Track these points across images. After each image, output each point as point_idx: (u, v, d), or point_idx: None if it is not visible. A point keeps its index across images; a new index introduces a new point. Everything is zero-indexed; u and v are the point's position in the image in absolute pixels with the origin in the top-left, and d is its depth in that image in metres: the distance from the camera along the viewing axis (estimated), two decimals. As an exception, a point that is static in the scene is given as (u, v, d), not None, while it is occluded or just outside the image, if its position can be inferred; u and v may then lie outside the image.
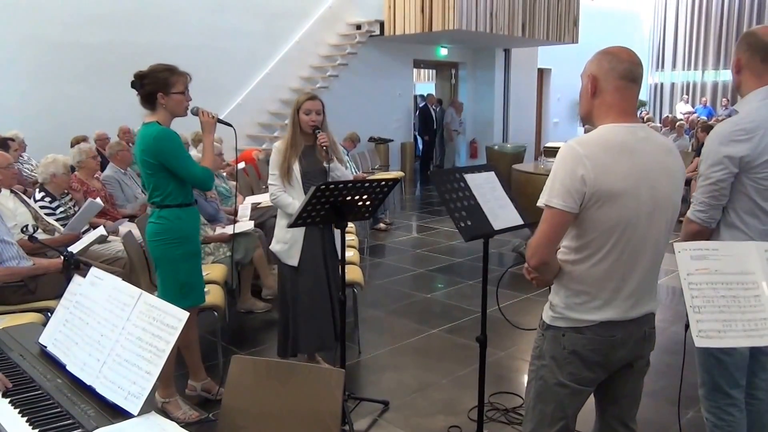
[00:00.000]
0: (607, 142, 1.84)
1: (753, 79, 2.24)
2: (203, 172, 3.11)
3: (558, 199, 1.81)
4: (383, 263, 6.79)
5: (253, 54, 10.67)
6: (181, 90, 3.08)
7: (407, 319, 4.96)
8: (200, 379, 3.56)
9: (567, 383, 1.95)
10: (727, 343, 1.62)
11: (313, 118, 3.45)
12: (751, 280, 1.66)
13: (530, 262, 1.90)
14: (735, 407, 2.34)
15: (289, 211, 3.44)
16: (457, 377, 3.85)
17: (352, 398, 3.45)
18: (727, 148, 2.15)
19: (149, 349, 1.64)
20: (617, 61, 1.89)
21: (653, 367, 3.85)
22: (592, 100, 1.95)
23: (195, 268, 3.25)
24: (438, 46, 13.70)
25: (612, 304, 1.89)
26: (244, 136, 10.53)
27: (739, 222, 2.23)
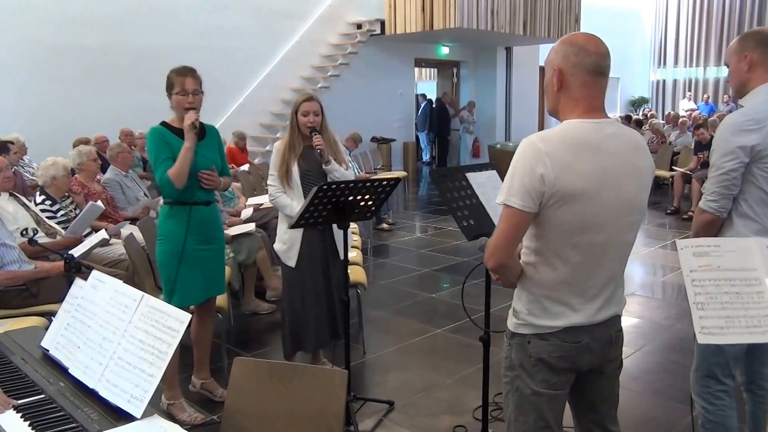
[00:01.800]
0: (570, 139, 1.74)
1: (763, 73, 2.29)
2: (160, 178, 3.05)
3: (516, 198, 1.71)
4: (387, 263, 6.78)
5: (254, 54, 10.68)
6: (178, 90, 3.09)
7: (412, 319, 4.95)
8: (202, 377, 3.56)
9: (541, 391, 1.86)
10: (730, 340, 1.62)
11: (310, 120, 3.43)
12: (754, 277, 1.66)
13: (488, 264, 1.82)
14: (726, 394, 2.38)
15: (288, 212, 3.44)
16: (462, 377, 3.84)
17: (357, 399, 3.43)
18: (738, 138, 2.19)
19: (151, 351, 1.63)
20: (585, 53, 1.77)
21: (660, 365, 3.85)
22: (558, 95, 1.83)
23: (180, 267, 3.14)
24: (439, 45, 13.69)
25: (576, 309, 1.81)
26: (247, 137, 10.53)
27: (750, 211, 2.26)
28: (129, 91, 9.06)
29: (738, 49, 2.34)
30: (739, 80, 2.35)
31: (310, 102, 3.46)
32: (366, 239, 7.37)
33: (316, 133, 3.43)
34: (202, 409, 3.40)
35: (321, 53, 11.79)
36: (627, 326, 4.69)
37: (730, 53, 2.38)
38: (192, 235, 3.17)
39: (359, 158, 9.45)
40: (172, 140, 3.12)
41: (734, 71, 2.37)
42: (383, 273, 6.34)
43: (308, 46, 11.51)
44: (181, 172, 3.03)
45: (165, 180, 3.04)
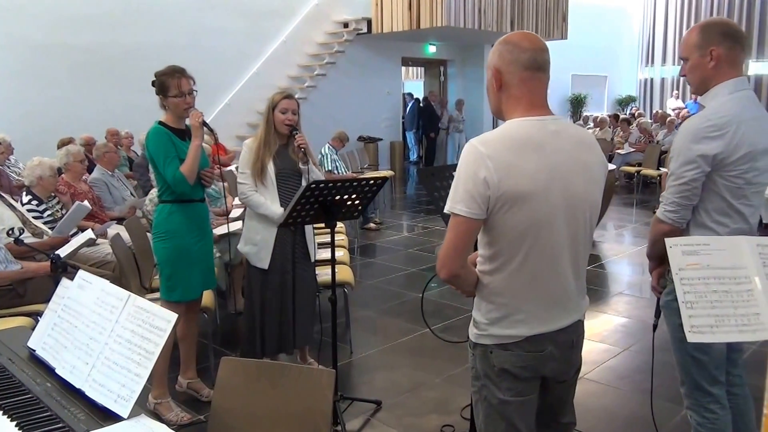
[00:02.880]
0: (512, 139, 1.70)
1: (729, 70, 2.15)
2: (173, 176, 3.11)
3: (461, 205, 1.67)
4: (374, 263, 6.78)
5: (241, 53, 10.65)
6: (175, 93, 3.14)
7: (399, 318, 4.96)
8: (188, 376, 3.57)
9: (508, 399, 1.81)
10: (720, 338, 1.59)
11: (289, 117, 3.39)
12: (743, 275, 1.63)
13: (440, 275, 1.76)
14: (717, 404, 2.31)
15: (263, 211, 3.39)
16: (449, 376, 3.85)
17: (344, 398, 3.43)
18: (699, 145, 2.07)
19: (138, 351, 1.63)
20: (519, 50, 1.73)
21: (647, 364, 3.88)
22: (499, 95, 1.79)
23: (183, 263, 3.25)
24: (426, 44, 13.71)
25: (536, 316, 1.76)
26: (233, 136, 10.50)
27: (710, 222, 2.16)
28: (116, 91, 9.02)
29: (701, 42, 2.16)
30: (702, 77, 2.19)
31: (289, 99, 3.43)
32: (353, 239, 7.37)
33: (297, 131, 3.40)
34: (188, 408, 3.39)
35: (308, 52, 11.77)
36: (615, 325, 4.74)
37: (691, 47, 2.20)
38: (193, 232, 3.26)
39: (346, 157, 9.44)
40: (174, 139, 3.18)
41: (696, 66, 2.19)
42: (370, 272, 6.35)
43: (295, 45, 11.49)
44: (194, 169, 3.15)
45: (179, 177, 3.11)
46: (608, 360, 4.08)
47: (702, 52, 2.16)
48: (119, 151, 7.44)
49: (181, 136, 3.22)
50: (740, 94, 2.15)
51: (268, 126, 3.43)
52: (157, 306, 1.69)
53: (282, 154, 3.46)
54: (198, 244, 3.29)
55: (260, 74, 10.97)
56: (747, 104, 2.14)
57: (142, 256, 4.25)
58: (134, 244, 4.31)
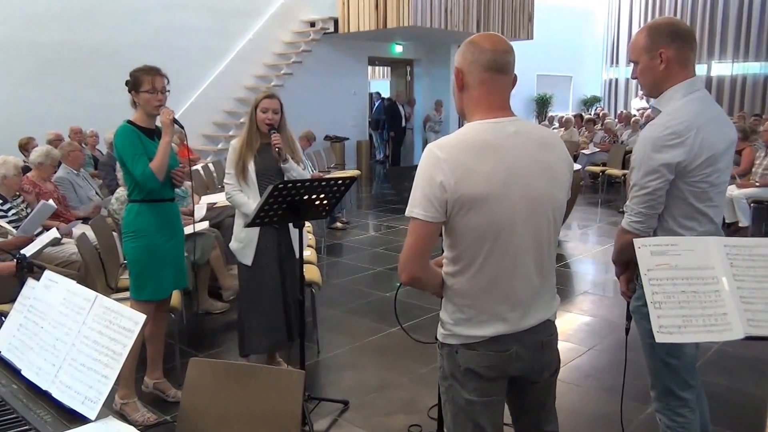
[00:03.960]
0: (469, 142, 1.70)
1: (680, 71, 2.12)
2: (142, 173, 3.09)
3: (419, 209, 1.67)
4: (341, 262, 6.79)
5: (207, 52, 10.53)
6: (148, 89, 3.12)
7: (366, 317, 4.98)
8: (155, 377, 3.55)
9: (474, 399, 1.81)
10: (688, 339, 1.60)
11: (269, 117, 3.43)
12: (711, 275, 1.65)
13: (401, 278, 1.76)
14: (686, 408, 2.30)
15: (244, 210, 3.44)
16: (416, 376, 3.88)
17: (311, 399, 3.44)
18: (661, 155, 2.03)
19: (106, 352, 1.62)
20: (480, 51, 1.73)
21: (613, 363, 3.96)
22: (461, 95, 1.80)
23: (152, 263, 3.23)
24: (393, 44, 13.75)
25: (500, 317, 1.76)
26: (200, 135, 10.39)
27: (677, 227, 2.14)
28: (81, 89, 8.86)
29: (649, 45, 2.12)
30: (654, 79, 2.15)
31: (270, 99, 3.47)
32: (320, 238, 7.36)
33: (274, 131, 3.43)
34: (154, 409, 3.35)
35: (274, 51, 11.70)
36: (580, 324, 4.82)
37: (640, 49, 2.16)
38: (162, 231, 3.25)
39: (313, 157, 9.42)
40: (142, 138, 3.16)
41: (646, 70, 2.15)
42: (337, 272, 6.35)
43: (261, 44, 11.42)
44: (163, 166, 3.12)
45: (148, 174, 3.09)
46: (574, 359, 4.15)
47: (651, 54, 2.12)
48: (84, 149, 7.32)
49: (150, 136, 3.20)
50: (695, 95, 2.12)
51: (251, 125, 3.49)
52: (125, 307, 1.68)
53: (264, 153, 3.49)
54: (168, 244, 3.28)
55: (227, 73, 10.87)
56: (703, 106, 2.11)
57: (108, 255, 4.20)
58: (100, 243, 4.26)
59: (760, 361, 4.02)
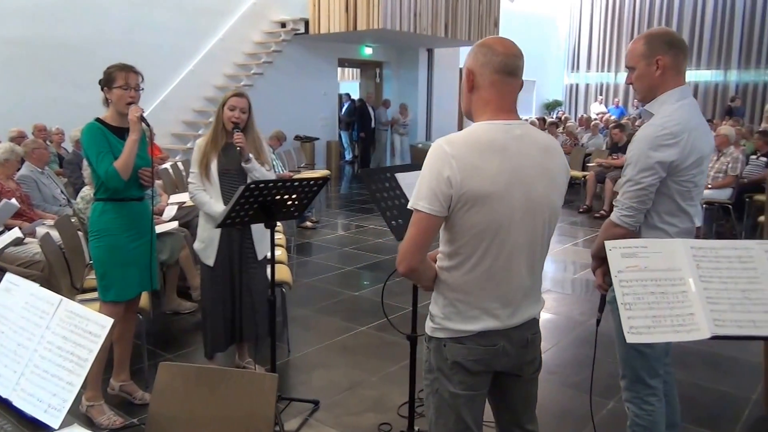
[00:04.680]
0: (477, 141, 1.74)
1: (674, 77, 2.23)
2: (106, 171, 3.02)
3: (424, 202, 1.71)
4: (310, 261, 6.76)
5: (176, 50, 10.38)
6: (121, 84, 3.07)
7: (336, 317, 4.96)
8: (121, 379, 3.48)
9: (459, 393, 1.86)
10: (657, 339, 1.63)
11: (236, 115, 3.39)
12: (678, 276, 1.69)
13: (399, 268, 1.80)
14: (655, 396, 2.40)
15: (206, 209, 3.42)
16: (386, 374, 3.89)
17: (282, 399, 3.42)
18: (657, 153, 2.13)
19: (70, 358, 1.58)
20: (492, 53, 1.78)
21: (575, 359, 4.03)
22: (470, 96, 1.84)
23: (117, 262, 3.17)
24: (362, 46, 13.75)
25: (490, 313, 1.81)
26: (169, 134, 10.25)
27: (661, 223, 2.24)
28: (47, 86, 8.66)
29: (647, 52, 2.24)
30: (649, 85, 2.26)
31: (239, 98, 3.44)
32: (290, 237, 7.32)
33: (238, 129, 3.39)
34: (121, 412, 3.30)
35: (245, 51, 11.60)
36: (542, 322, 4.82)
37: (637, 56, 2.27)
38: (128, 231, 3.18)
39: (283, 157, 9.38)
40: (109, 137, 3.10)
41: (643, 75, 2.26)
42: (307, 271, 6.32)
43: (232, 44, 11.31)
44: (128, 165, 3.05)
45: (112, 172, 3.02)
46: (538, 356, 4.19)
47: (648, 61, 2.23)
48: (49, 147, 7.17)
49: (120, 135, 3.12)
50: (686, 101, 2.23)
51: (217, 123, 3.46)
52: (91, 311, 1.64)
53: (229, 152, 3.46)
54: (133, 244, 3.20)
55: (196, 72, 10.73)
56: (692, 112, 2.23)
57: (73, 255, 4.11)
58: (65, 243, 4.16)
59: (717, 355, 4.13)
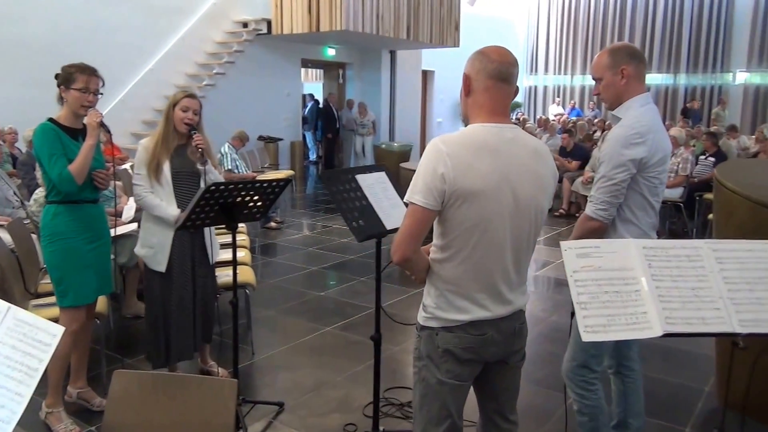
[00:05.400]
0: (471, 141, 1.86)
1: (637, 85, 2.44)
2: (59, 175, 2.93)
3: (419, 196, 1.82)
4: (275, 262, 6.73)
5: (135, 49, 10.20)
6: (80, 87, 2.98)
7: (301, 317, 4.95)
8: (78, 386, 3.41)
9: (446, 381, 1.97)
10: (612, 337, 1.68)
11: (189, 116, 3.32)
12: (632, 276, 1.75)
13: (393, 258, 1.92)
14: (598, 379, 2.58)
15: (158, 212, 3.31)
16: (351, 374, 3.90)
17: (245, 402, 3.39)
18: (629, 151, 2.32)
19: (19, 368, 1.52)
20: (488, 60, 1.90)
21: (538, 355, 4.11)
22: (466, 99, 1.97)
23: (72, 267, 3.09)
24: (325, 47, 13.73)
25: (480, 304, 1.92)
26: (128, 134, 10.07)
27: (632, 216, 2.43)
28: (3, 84, 8.39)
29: (611, 63, 2.43)
30: (616, 93, 2.45)
31: (191, 99, 3.37)
32: (254, 238, 7.28)
33: (195, 131, 3.33)
34: (79, 419, 3.24)
35: (206, 51, 11.47)
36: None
37: (603, 68, 2.46)
38: (83, 234, 3.09)
39: (246, 157, 9.31)
40: (63, 138, 3.01)
41: (610, 85, 2.45)
42: (271, 272, 6.29)
43: (193, 43, 11.17)
44: (83, 169, 2.97)
45: (66, 176, 2.93)
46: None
47: (614, 71, 2.43)
48: (2, 147, 6.97)
49: (73, 136, 3.05)
50: (648, 106, 2.45)
51: (167, 124, 3.35)
52: (41, 318, 1.59)
53: (180, 153, 3.38)
54: (89, 247, 3.13)
55: (156, 71, 10.55)
56: (654, 116, 2.44)
57: (26, 259, 4.00)
58: (17, 247, 4.05)
59: (672, 349, 4.26)
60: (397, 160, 11.49)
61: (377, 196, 2.67)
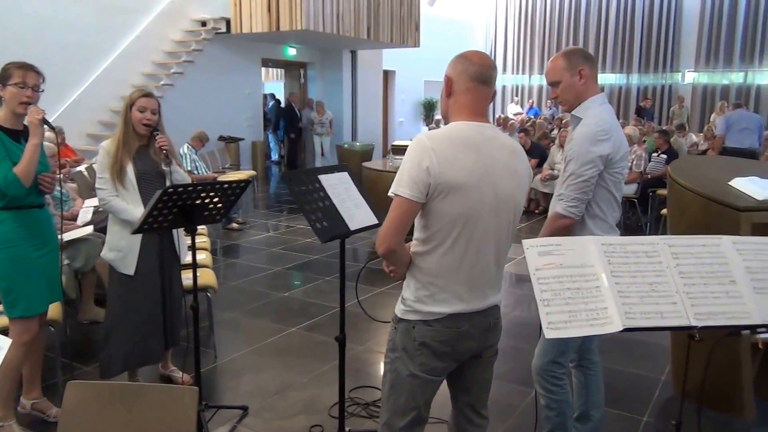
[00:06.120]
0: (454, 138, 1.93)
1: (593, 85, 2.53)
2: (4, 178, 2.81)
3: (405, 188, 1.88)
4: (237, 263, 6.66)
5: (90, 48, 9.96)
6: (17, 82, 2.86)
7: (264, 319, 4.91)
8: (33, 396, 3.30)
9: (418, 374, 2.02)
10: (573, 333, 1.72)
11: (148, 117, 3.25)
12: (592, 273, 1.79)
13: (378, 249, 1.96)
14: (565, 374, 2.64)
15: (125, 216, 3.24)
16: (316, 375, 3.88)
17: (209, 407, 3.34)
18: (596, 147, 2.40)
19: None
20: (469, 63, 1.99)
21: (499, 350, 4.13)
22: (448, 100, 2.04)
23: (22, 275, 2.97)
24: (286, 46, 13.64)
25: (458, 297, 1.97)
26: (84, 135, 9.83)
27: (599, 212, 2.51)
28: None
29: (568, 65, 2.51)
30: (575, 94, 2.52)
31: (148, 98, 3.28)
32: (215, 239, 7.19)
33: (157, 132, 3.27)
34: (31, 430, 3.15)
35: (164, 49, 11.27)
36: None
37: (560, 70, 2.52)
38: (31, 240, 2.98)
39: (206, 158, 9.18)
40: (5, 140, 2.89)
41: (569, 86, 2.52)
42: (234, 273, 6.22)
43: (150, 42, 10.96)
44: (30, 171, 2.85)
45: (12, 179, 2.81)
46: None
47: (572, 72, 2.51)
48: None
49: (15, 137, 2.93)
50: (606, 106, 2.54)
51: (126, 126, 3.27)
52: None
53: (142, 155, 3.31)
54: (38, 254, 3.01)
55: (112, 70, 10.32)
56: (613, 114, 2.55)
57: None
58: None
59: (628, 340, 4.35)
60: (360, 159, 11.49)
61: (340, 197, 2.66)
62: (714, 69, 17.41)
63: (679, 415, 1.98)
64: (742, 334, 3.04)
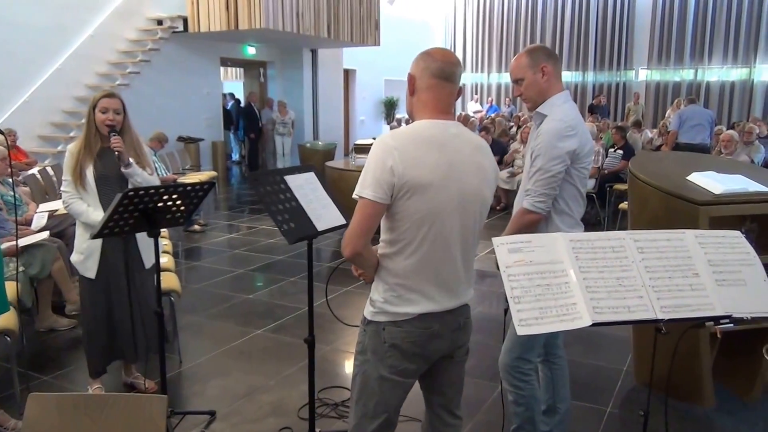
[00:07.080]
0: (418, 136, 1.90)
1: (557, 83, 2.54)
2: None
3: (369, 190, 1.85)
4: (200, 266, 6.55)
5: (40, 48, 9.65)
6: None
7: (229, 322, 4.84)
8: None
9: (388, 376, 1.99)
10: (545, 329, 1.73)
11: (110, 117, 3.20)
12: (561, 269, 1.81)
13: (344, 252, 1.93)
14: (533, 370, 2.67)
15: (84, 219, 3.22)
16: (284, 377, 3.85)
17: (175, 414, 3.28)
18: (563, 143, 2.42)
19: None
20: (431, 60, 1.96)
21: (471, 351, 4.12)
22: (411, 98, 2.02)
23: None
24: (245, 45, 13.48)
25: (428, 297, 1.95)
26: (35, 136, 9.54)
27: (566, 208, 2.53)
28: None
29: (531, 63, 2.51)
30: (539, 90, 2.53)
31: (110, 98, 3.24)
32: (177, 242, 7.06)
33: (115, 133, 3.21)
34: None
35: (119, 49, 11.01)
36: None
37: (523, 68, 2.53)
38: None
39: (166, 159, 9.02)
40: None
41: (532, 83, 2.52)
42: (196, 276, 6.12)
43: (103, 41, 10.68)
44: None
45: None
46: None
47: (534, 70, 2.52)
48: None
49: None
50: (570, 103, 2.56)
51: (89, 127, 3.24)
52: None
53: (105, 156, 3.26)
54: None
55: (64, 70, 10.03)
56: (576, 111, 2.56)
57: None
58: None
59: (590, 332, 4.43)
60: (322, 159, 11.46)
61: (307, 197, 2.63)
62: (666, 67, 17.91)
63: (647, 405, 2.01)
64: (706, 326, 3.13)
